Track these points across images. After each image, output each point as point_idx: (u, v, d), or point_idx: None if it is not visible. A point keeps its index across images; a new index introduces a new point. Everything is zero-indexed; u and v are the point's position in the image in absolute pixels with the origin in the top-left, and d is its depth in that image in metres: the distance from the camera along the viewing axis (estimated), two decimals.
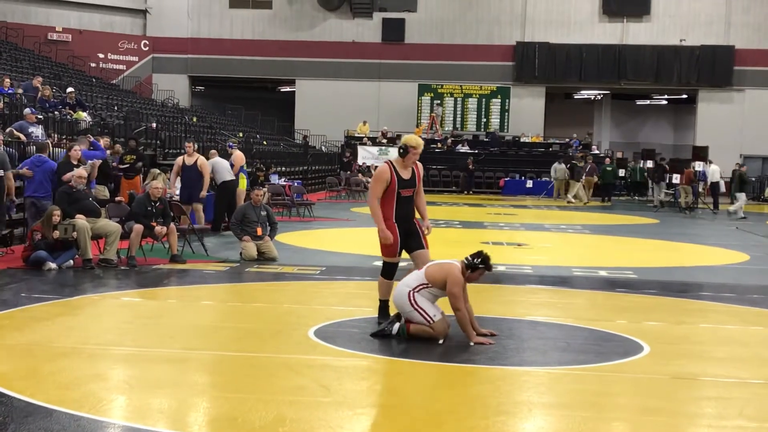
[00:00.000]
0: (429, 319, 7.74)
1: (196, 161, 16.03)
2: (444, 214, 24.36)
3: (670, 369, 7.04)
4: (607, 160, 35.20)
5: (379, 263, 8.62)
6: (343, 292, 10.79)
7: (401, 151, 8.34)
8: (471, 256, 7.86)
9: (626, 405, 6.09)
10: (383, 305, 8.45)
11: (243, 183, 18.22)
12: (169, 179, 16.80)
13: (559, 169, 34.08)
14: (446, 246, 16.93)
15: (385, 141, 39.08)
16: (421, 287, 7.86)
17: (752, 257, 15.50)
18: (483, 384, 6.58)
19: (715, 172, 30.85)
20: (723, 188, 32.22)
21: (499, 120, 41.55)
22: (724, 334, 8.73)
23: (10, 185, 12.81)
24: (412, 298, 7.81)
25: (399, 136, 39.42)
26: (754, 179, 37.61)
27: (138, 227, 12.29)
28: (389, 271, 8.38)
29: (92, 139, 15.45)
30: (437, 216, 23.15)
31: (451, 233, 18.93)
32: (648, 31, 41.53)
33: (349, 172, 34.13)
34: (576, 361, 7.21)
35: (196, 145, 17.02)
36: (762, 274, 13.51)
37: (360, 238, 18.16)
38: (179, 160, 16.41)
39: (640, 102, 46.86)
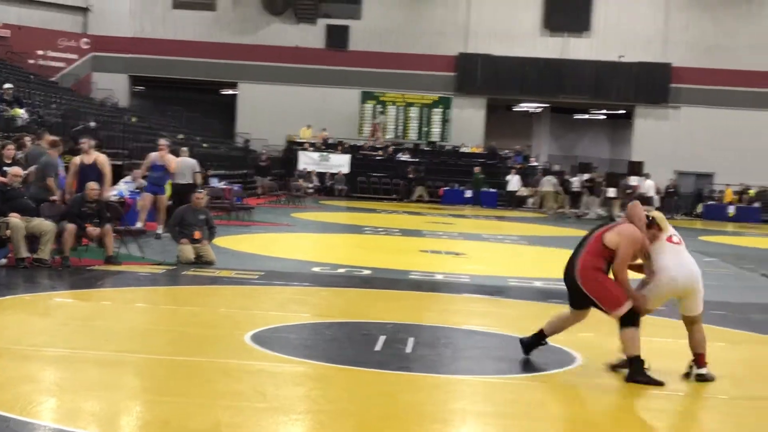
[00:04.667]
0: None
1: (94, 160, 14.47)
2: (383, 221, 24.44)
3: (602, 380, 7.15)
4: (477, 168, 36.29)
5: (317, 270, 8.59)
6: (280, 297, 10.74)
7: None
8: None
9: (559, 415, 6.18)
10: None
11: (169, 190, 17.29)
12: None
13: (546, 181, 34.63)
14: (385, 253, 16.99)
15: (324, 147, 39.11)
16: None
17: None
18: (419, 392, 6.62)
19: (650, 187, 31.39)
20: (657, 203, 32.82)
21: (440, 130, 41.74)
22: (655, 347, 8.86)
23: None
24: None
25: (341, 143, 39.49)
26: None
27: (71, 227, 12.10)
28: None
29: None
30: (377, 224, 23.23)
31: (390, 241, 18.98)
32: (588, 46, 42.09)
33: (269, 178, 33.96)
34: (511, 371, 7.29)
35: (93, 142, 15.19)
36: None
37: (300, 243, 18.11)
38: (76, 159, 14.69)
39: (578, 116, 47.50)
